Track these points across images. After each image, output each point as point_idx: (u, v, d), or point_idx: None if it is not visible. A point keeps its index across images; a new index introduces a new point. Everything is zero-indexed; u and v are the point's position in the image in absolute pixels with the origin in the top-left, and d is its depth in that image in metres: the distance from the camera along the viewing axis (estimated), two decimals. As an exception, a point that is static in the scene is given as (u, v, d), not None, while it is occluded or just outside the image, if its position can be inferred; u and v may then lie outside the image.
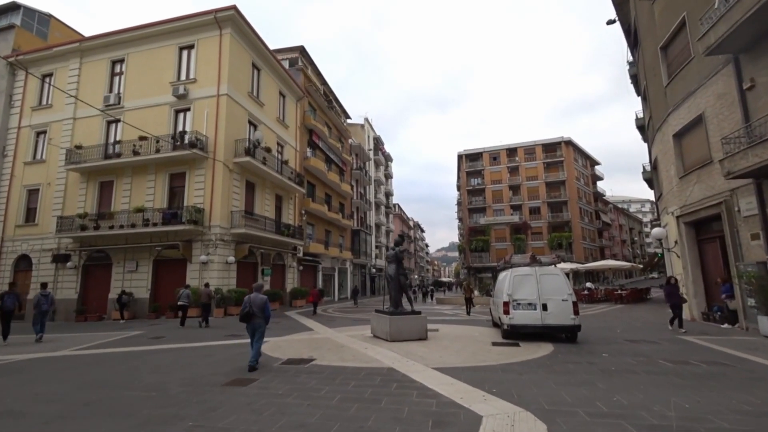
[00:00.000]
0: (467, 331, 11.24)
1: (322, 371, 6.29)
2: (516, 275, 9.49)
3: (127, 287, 17.66)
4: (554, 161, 56.84)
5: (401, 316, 9.55)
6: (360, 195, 41.40)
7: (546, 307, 8.95)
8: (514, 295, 9.24)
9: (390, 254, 10.34)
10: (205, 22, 18.84)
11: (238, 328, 12.82)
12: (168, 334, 11.54)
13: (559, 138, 57.65)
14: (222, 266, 17.41)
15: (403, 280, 10.20)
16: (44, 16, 22.67)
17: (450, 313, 18.67)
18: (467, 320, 14.75)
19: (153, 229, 17.02)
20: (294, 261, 24.68)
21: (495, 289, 11.95)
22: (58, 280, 18.55)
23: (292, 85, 25.66)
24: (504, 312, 9.22)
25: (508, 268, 10.29)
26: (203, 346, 9.36)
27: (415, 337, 9.39)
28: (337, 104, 35.77)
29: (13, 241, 19.47)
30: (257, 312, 6.52)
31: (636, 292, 24.76)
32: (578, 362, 6.73)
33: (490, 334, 10.50)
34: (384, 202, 54.68)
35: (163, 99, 18.85)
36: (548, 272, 9.43)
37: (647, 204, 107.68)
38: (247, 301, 6.56)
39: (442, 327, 12.15)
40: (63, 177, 19.31)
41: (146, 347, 9.37)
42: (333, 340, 9.81)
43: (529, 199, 56.46)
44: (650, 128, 17.93)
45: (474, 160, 61.38)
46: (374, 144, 50.48)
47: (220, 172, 17.79)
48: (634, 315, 15.72)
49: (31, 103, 20.77)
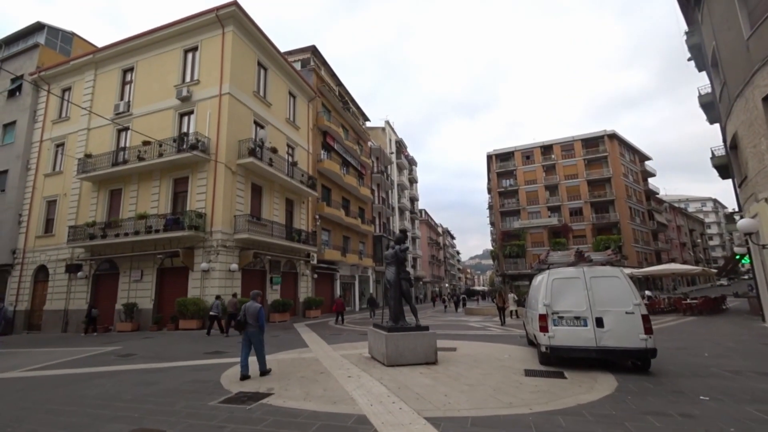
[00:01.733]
0: (494, 351, 8.86)
1: (266, 417, 4.37)
2: (556, 279, 7.09)
3: (133, 297, 16.88)
4: (597, 157, 51.98)
5: (402, 333, 7.43)
6: (382, 200, 39.61)
7: (601, 323, 6.49)
8: (555, 305, 6.86)
9: (388, 254, 8.31)
10: (208, 22, 18.12)
11: (231, 344, 11.33)
12: (143, 351, 10.14)
13: (602, 131, 52.80)
14: (224, 274, 16.13)
15: (405, 286, 8.12)
16: (67, 35, 23.31)
17: (478, 326, 16.13)
18: (496, 336, 12.26)
19: (155, 236, 16.14)
20: (307, 269, 23.15)
21: (528, 297, 9.47)
22: (71, 290, 18.19)
23: (303, 85, 24.56)
24: (541, 329, 6.85)
25: (544, 270, 7.88)
26: (168, 367, 7.79)
27: (420, 361, 7.23)
28: (354, 106, 34.49)
29: (33, 252, 19.54)
30: (250, 321, 6.42)
31: (710, 301, 20.68)
32: (664, 412, 4.31)
33: (524, 356, 8.09)
34: (409, 207, 52.50)
35: (167, 103, 18.25)
36: (603, 274, 6.94)
37: (708, 203, 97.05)
38: (242, 310, 6.55)
39: (463, 345, 9.84)
40: (77, 187, 19.18)
41: (103, 368, 7.94)
42: (320, 361, 7.86)
43: (569, 199, 51.84)
44: (723, 99, 14.64)
45: (505, 160, 57.72)
46: (396, 147, 48.74)
47: (222, 174, 16.69)
48: (717, 330, 12.42)
49: (52, 117, 21.09)
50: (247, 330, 6.41)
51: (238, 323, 6.45)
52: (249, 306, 6.52)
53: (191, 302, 15.23)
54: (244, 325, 6.42)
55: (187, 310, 15.17)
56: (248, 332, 6.42)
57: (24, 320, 18.61)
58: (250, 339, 6.42)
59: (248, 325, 6.40)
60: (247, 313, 6.45)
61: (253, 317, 6.43)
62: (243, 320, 6.42)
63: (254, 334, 6.41)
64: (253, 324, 6.42)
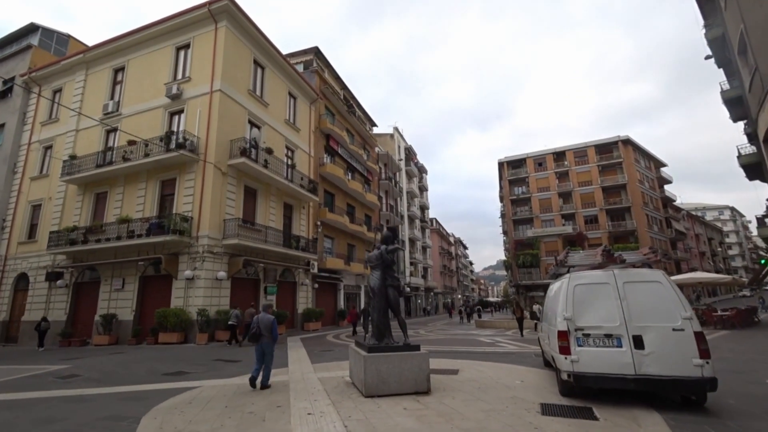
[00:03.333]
0: (503, 374, 7.34)
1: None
2: (578, 285, 5.63)
3: (113, 308, 15.78)
4: (611, 163, 50.03)
5: (386, 353, 6.01)
6: (390, 207, 38.31)
7: (641, 343, 5.02)
8: (578, 319, 5.40)
9: (372, 256, 6.98)
10: (200, 17, 17.37)
11: (203, 360, 10.03)
12: (91, 372, 8.76)
13: (615, 137, 50.89)
14: (210, 283, 14.93)
15: (392, 295, 6.74)
16: (63, 37, 22.97)
17: (488, 341, 14.51)
18: (508, 354, 10.68)
19: (137, 241, 15.11)
20: (307, 278, 21.83)
21: (544, 308, 7.95)
22: (51, 300, 17.20)
23: (305, 86, 23.66)
24: (560, 350, 5.38)
25: (562, 274, 6.40)
26: (98, 395, 6.47)
27: (407, 389, 5.80)
28: (359, 110, 33.55)
29: (15, 259, 18.70)
30: (264, 332, 6.46)
31: (742, 312, 18.62)
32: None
33: (541, 382, 6.57)
34: (419, 215, 51.03)
35: (157, 102, 17.44)
36: (640, 278, 5.45)
37: (726, 211, 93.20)
38: (255, 321, 6.54)
39: (467, 366, 8.33)
40: (62, 190, 18.38)
41: (22, 395, 6.57)
42: (288, 388, 6.48)
43: (584, 206, 49.76)
44: (754, 88, 13.03)
45: (517, 167, 56.04)
46: (406, 154, 47.59)
47: (210, 175, 15.65)
48: (761, 347, 10.63)
49: (41, 119, 20.53)
50: (261, 342, 6.48)
51: (252, 335, 6.56)
52: (262, 317, 6.56)
53: (172, 313, 14.00)
54: (258, 336, 6.49)
55: (167, 322, 13.93)
56: (262, 343, 6.48)
57: (1, 332, 17.65)
58: (263, 350, 6.46)
59: (262, 337, 6.48)
60: (260, 324, 6.50)
61: (267, 328, 6.50)
62: (257, 332, 6.49)
63: (267, 345, 6.49)
64: (267, 335, 6.48)
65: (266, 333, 6.49)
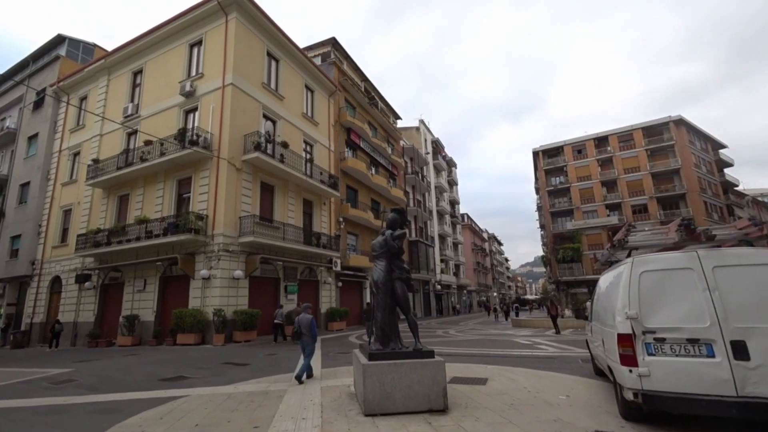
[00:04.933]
0: (543, 385, 5.92)
1: None
2: (646, 272, 4.15)
3: (136, 308, 15.74)
4: (661, 147, 45.45)
5: (391, 362, 4.82)
6: (417, 202, 36.94)
7: (744, 351, 3.52)
8: (648, 318, 3.97)
9: (376, 243, 5.79)
10: (211, 11, 17.00)
11: (211, 363, 9.40)
12: (88, 377, 8.23)
13: (666, 118, 46.20)
14: (227, 282, 14.42)
15: (400, 290, 5.51)
16: (89, 46, 23.74)
17: (525, 342, 12.89)
18: (548, 358, 9.12)
19: (155, 241, 14.92)
20: (330, 276, 21.04)
21: (594, 304, 6.40)
22: (81, 301, 17.55)
23: (322, 79, 22.90)
24: (622, 359, 3.97)
25: (619, 260, 4.91)
26: (69, 404, 5.84)
27: (418, 407, 4.60)
28: (382, 102, 32.45)
29: (50, 263, 19.36)
30: (304, 331, 6.87)
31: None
32: None
33: (593, 398, 5.11)
34: (448, 210, 49.14)
35: (172, 101, 17.30)
36: (740, 260, 3.88)
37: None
38: (297, 322, 7.05)
39: (499, 373, 6.95)
40: (89, 195, 18.77)
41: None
42: (281, 400, 5.48)
43: (631, 195, 45.60)
44: None
45: (553, 155, 52.50)
46: (433, 147, 45.93)
47: (225, 171, 15.18)
48: None
49: (70, 126, 21.22)
50: (302, 340, 6.89)
51: (294, 333, 7.25)
52: (302, 318, 6.99)
53: (188, 314, 13.60)
54: (299, 334, 6.95)
55: (184, 323, 13.56)
56: (303, 341, 6.89)
57: (40, 333, 18.28)
58: (303, 346, 6.86)
59: (302, 335, 6.89)
60: (300, 324, 6.93)
61: (306, 327, 6.87)
62: (298, 330, 6.97)
63: (308, 342, 6.85)
64: (307, 333, 6.85)
65: (306, 331, 6.87)
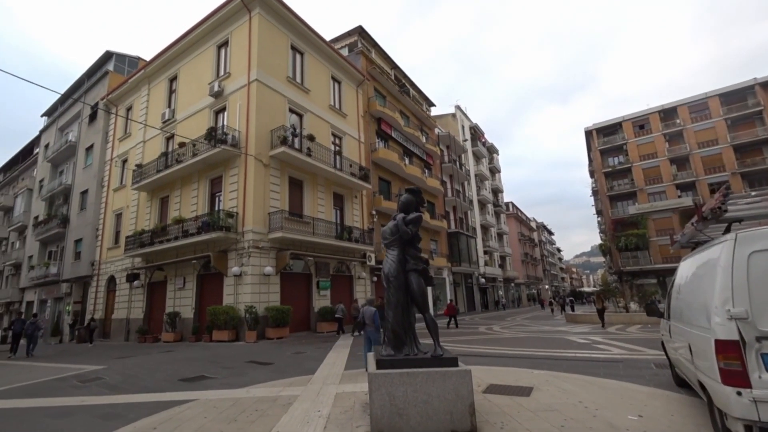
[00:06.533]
0: (605, 400, 4.64)
1: None
2: (758, 252, 2.81)
3: (177, 306, 16.25)
4: (744, 114, 39.25)
5: (404, 370, 3.89)
6: (456, 192, 35.26)
7: None
8: (763, 319, 2.63)
9: (386, 230, 4.84)
10: (235, 9, 16.96)
11: (236, 361, 9.06)
12: (115, 376, 8.20)
13: (751, 81, 39.75)
14: (258, 279, 14.29)
15: (415, 283, 4.52)
16: (134, 60, 25.15)
17: (581, 341, 11.26)
18: (609, 361, 7.59)
19: (190, 240, 15.18)
20: (364, 271, 20.43)
21: (673, 298, 4.94)
22: (132, 299, 18.56)
23: (349, 69, 22.23)
24: (724, 375, 2.69)
25: (710, 240, 3.54)
26: (98, 405, 5.67)
27: (438, 428, 3.66)
28: (414, 89, 31.18)
29: (106, 264, 20.76)
30: (368, 321, 7.11)
31: None
32: None
33: (673, 422, 3.80)
34: (491, 199, 46.60)
35: (203, 103, 17.61)
36: None
37: None
38: (361, 313, 7.44)
39: (547, 380, 5.72)
40: (136, 198, 19.79)
41: (12, 402, 6.06)
42: (286, 410, 4.78)
43: (707, 172, 39.94)
44: None
45: (610, 133, 47.56)
46: (471, 134, 43.71)
47: (252, 168, 15.07)
48: None
49: (119, 136, 22.59)
50: (366, 330, 7.17)
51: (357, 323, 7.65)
52: (366, 310, 7.26)
53: (222, 311, 13.67)
54: (363, 325, 7.29)
55: (218, 320, 13.64)
56: (367, 332, 7.13)
57: (100, 328, 19.68)
58: (369, 337, 7.06)
59: (366, 326, 7.15)
60: (365, 315, 7.20)
61: (370, 319, 7.07)
62: (362, 321, 7.29)
63: (372, 333, 7.04)
64: (370, 324, 7.06)
65: (369, 322, 7.07)
